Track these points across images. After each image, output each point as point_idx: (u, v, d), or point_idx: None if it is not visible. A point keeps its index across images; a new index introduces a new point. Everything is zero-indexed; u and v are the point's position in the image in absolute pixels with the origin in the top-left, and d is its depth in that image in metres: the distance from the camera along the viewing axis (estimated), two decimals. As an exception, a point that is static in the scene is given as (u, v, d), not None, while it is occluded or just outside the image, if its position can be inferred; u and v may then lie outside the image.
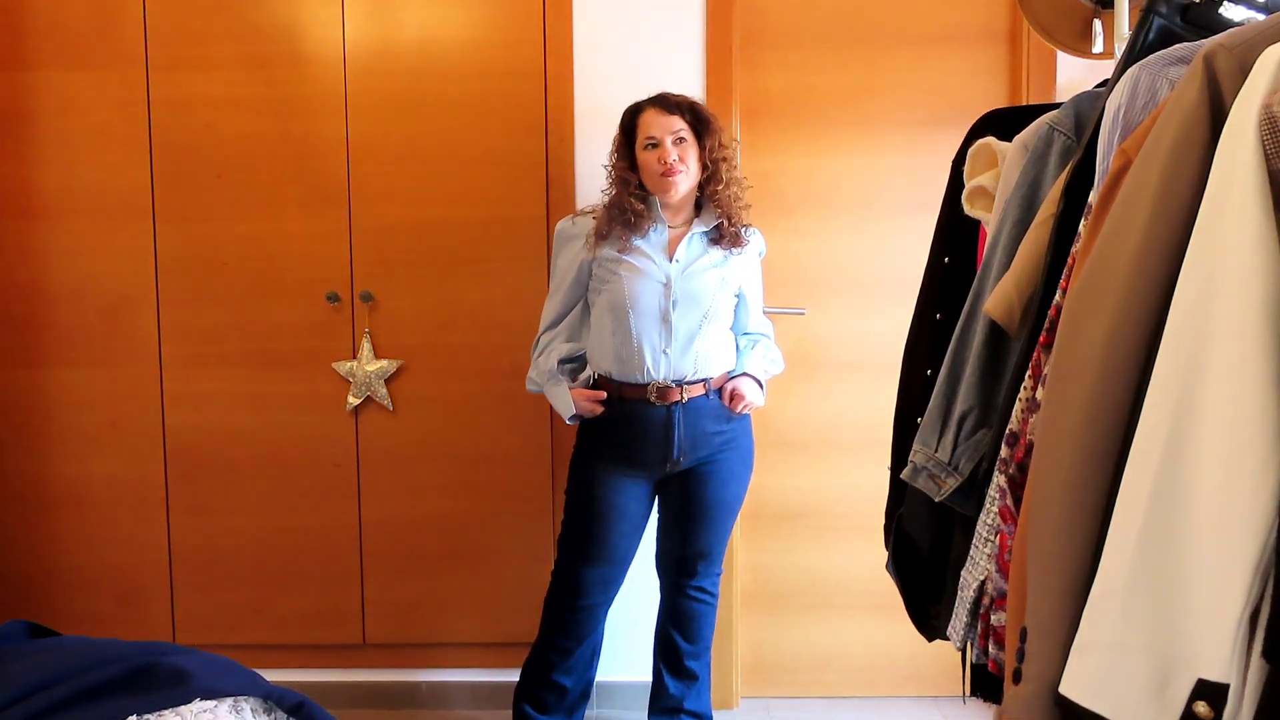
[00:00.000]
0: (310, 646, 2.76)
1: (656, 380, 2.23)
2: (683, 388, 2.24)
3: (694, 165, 2.23)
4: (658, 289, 2.23)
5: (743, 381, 2.30)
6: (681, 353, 2.24)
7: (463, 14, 2.63)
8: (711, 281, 2.26)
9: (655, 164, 2.20)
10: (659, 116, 2.22)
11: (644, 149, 2.22)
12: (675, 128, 2.20)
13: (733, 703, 2.77)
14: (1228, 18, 1.23)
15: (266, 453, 2.71)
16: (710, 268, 2.27)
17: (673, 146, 2.19)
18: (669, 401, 2.24)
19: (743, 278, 2.34)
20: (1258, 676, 0.83)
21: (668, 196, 2.23)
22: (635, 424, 2.25)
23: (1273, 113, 0.83)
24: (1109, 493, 0.92)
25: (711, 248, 2.28)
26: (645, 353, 2.23)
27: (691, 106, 2.24)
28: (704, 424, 2.27)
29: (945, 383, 1.39)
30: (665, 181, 2.20)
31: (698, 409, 2.26)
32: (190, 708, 1.49)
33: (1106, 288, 0.95)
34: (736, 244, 2.29)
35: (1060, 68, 2.61)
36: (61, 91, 2.64)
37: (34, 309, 2.70)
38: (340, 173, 2.65)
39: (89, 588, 2.75)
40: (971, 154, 1.54)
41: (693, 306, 2.24)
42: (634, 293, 2.22)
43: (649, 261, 2.24)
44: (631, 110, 2.27)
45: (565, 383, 2.29)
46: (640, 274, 2.23)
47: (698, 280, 2.25)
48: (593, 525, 2.31)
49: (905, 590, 1.58)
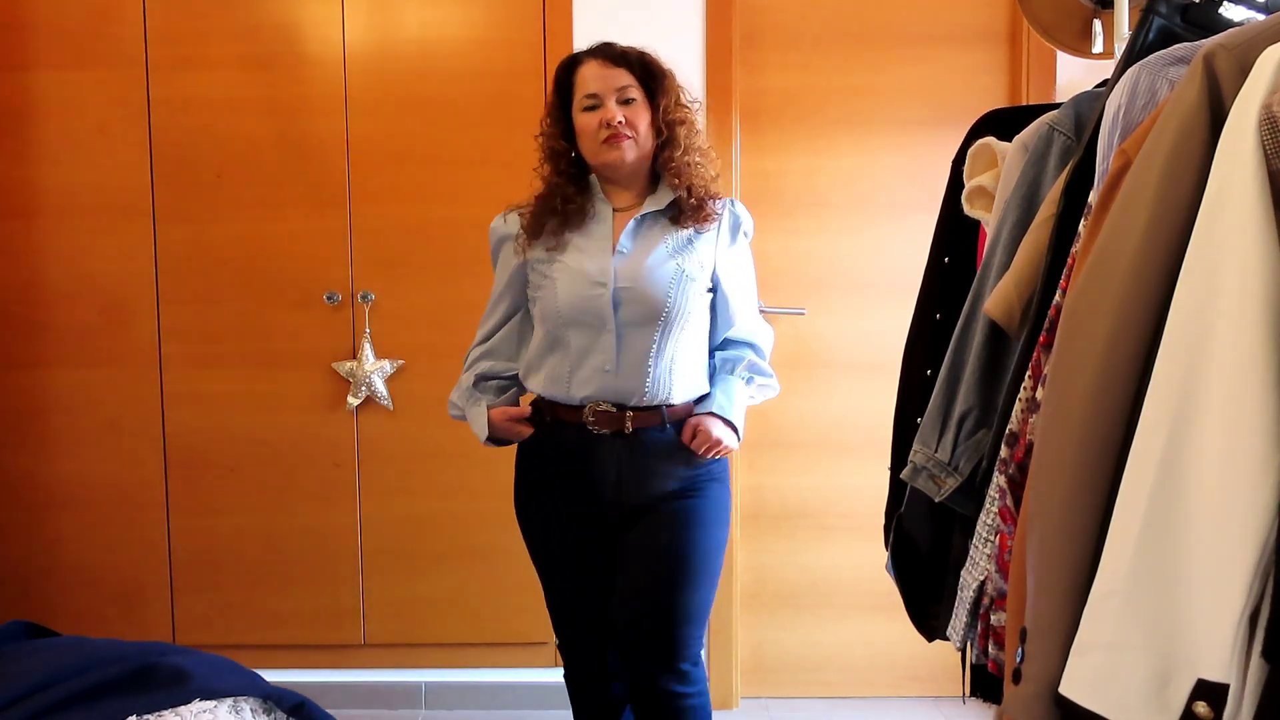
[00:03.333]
0: (310, 646, 2.76)
1: (593, 403, 1.77)
2: (626, 415, 1.76)
3: (645, 130, 1.76)
4: (597, 291, 1.75)
5: (710, 421, 1.77)
6: (631, 371, 1.75)
7: (463, 14, 2.63)
8: (666, 275, 1.75)
9: (596, 128, 1.74)
10: (601, 70, 1.76)
11: (582, 111, 1.76)
12: (621, 83, 1.75)
13: (732, 703, 2.77)
14: (1228, 18, 1.23)
15: (266, 453, 2.71)
16: (667, 258, 1.77)
17: (618, 107, 1.74)
18: (612, 429, 1.76)
19: (719, 267, 1.83)
20: (1258, 676, 0.83)
21: (612, 170, 1.78)
22: (573, 453, 1.79)
23: (1273, 113, 0.83)
24: (1109, 493, 0.92)
25: (671, 230, 1.79)
26: (582, 370, 1.76)
27: (641, 59, 1.79)
28: (656, 464, 1.77)
29: (945, 383, 1.39)
30: (609, 150, 1.74)
31: (650, 445, 1.77)
32: (190, 708, 1.49)
33: (1106, 288, 0.95)
34: (702, 219, 1.79)
35: (1060, 68, 2.61)
36: (61, 91, 2.64)
37: (34, 309, 2.70)
38: (340, 173, 2.65)
39: (89, 588, 2.75)
40: (971, 154, 1.54)
41: (642, 310, 1.75)
42: (569, 299, 1.76)
43: (585, 258, 1.78)
44: (567, 64, 1.82)
45: (484, 400, 1.86)
46: (575, 275, 1.76)
47: (648, 275, 1.75)
48: (555, 585, 1.89)
49: (905, 590, 1.58)
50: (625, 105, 1.75)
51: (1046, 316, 1.16)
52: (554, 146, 1.82)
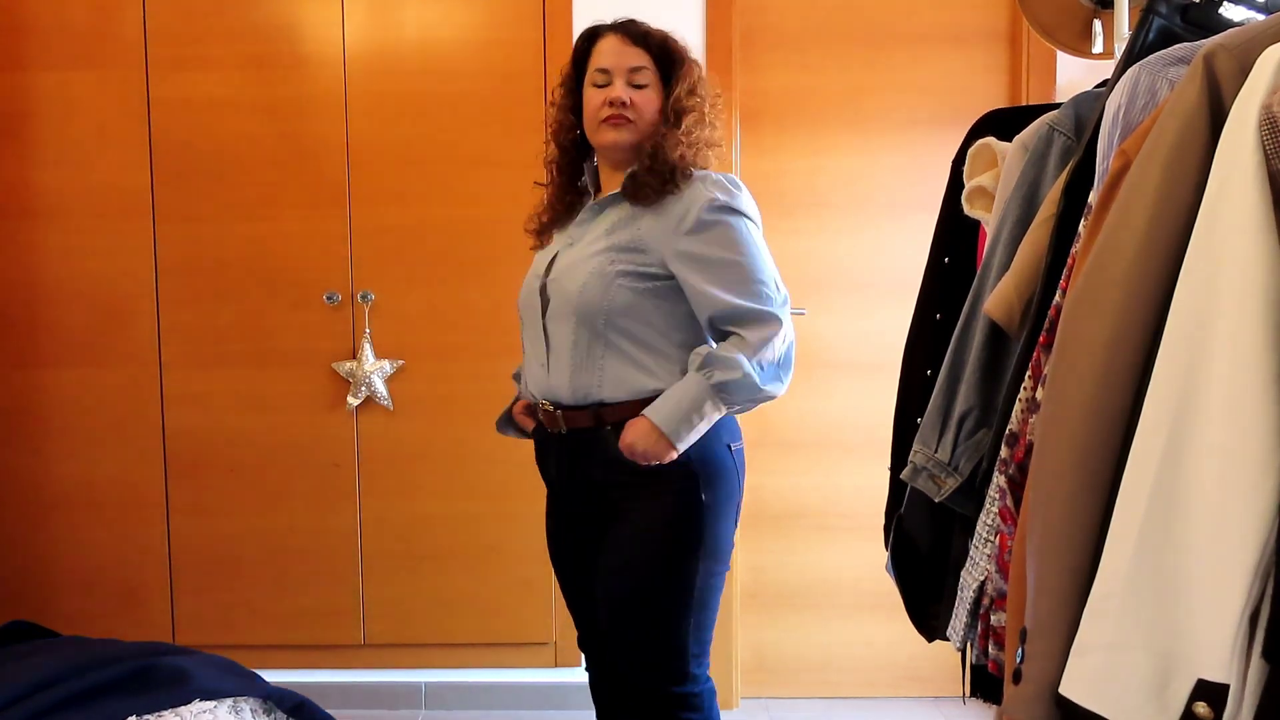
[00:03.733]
0: (310, 646, 2.76)
1: (541, 402, 1.70)
2: (559, 413, 1.66)
3: (651, 115, 1.65)
4: (533, 285, 1.72)
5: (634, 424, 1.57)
6: (560, 368, 1.65)
7: (462, 14, 2.63)
8: (587, 268, 1.62)
9: (599, 104, 1.65)
10: (619, 45, 1.66)
11: (591, 85, 1.68)
12: (635, 63, 1.65)
13: (733, 703, 2.76)
14: (1228, 18, 1.23)
15: (266, 453, 2.71)
16: (595, 252, 1.63)
17: (628, 89, 1.65)
18: (554, 429, 1.69)
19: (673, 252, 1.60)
20: (1258, 677, 0.83)
21: (610, 152, 1.69)
22: (540, 448, 1.79)
23: (1273, 113, 0.83)
24: (1109, 493, 0.92)
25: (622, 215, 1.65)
26: (529, 368, 1.73)
27: (664, 42, 1.68)
28: (589, 470, 1.66)
29: (945, 383, 1.39)
30: (607, 130, 1.65)
31: (582, 445, 1.66)
32: (190, 708, 1.49)
33: (1106, 288, 0.95)
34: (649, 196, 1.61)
35: (1060, 68, 2.61)
36: (61, 91, 2.64)
37: (34, 309, 2.70)
38: (340, 173, 2.65)
39: (89, 588, 2.75)
40: (971, 154, 1.54)
41: (561, 305, 1.65)
42: (523, 294, 1.75)
43: (543, 252, 1.77)
44: (587, 34, 1.72)
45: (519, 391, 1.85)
46: (530, 270, 1.76)
47: (570, 268, 1.65)
48: (560, 584, 1.86)
49: (905, 590, 1.58)
50: (637, 89, 1.65)
51: (1046, 316, 1.16)
52: (561, 120, 1.74)
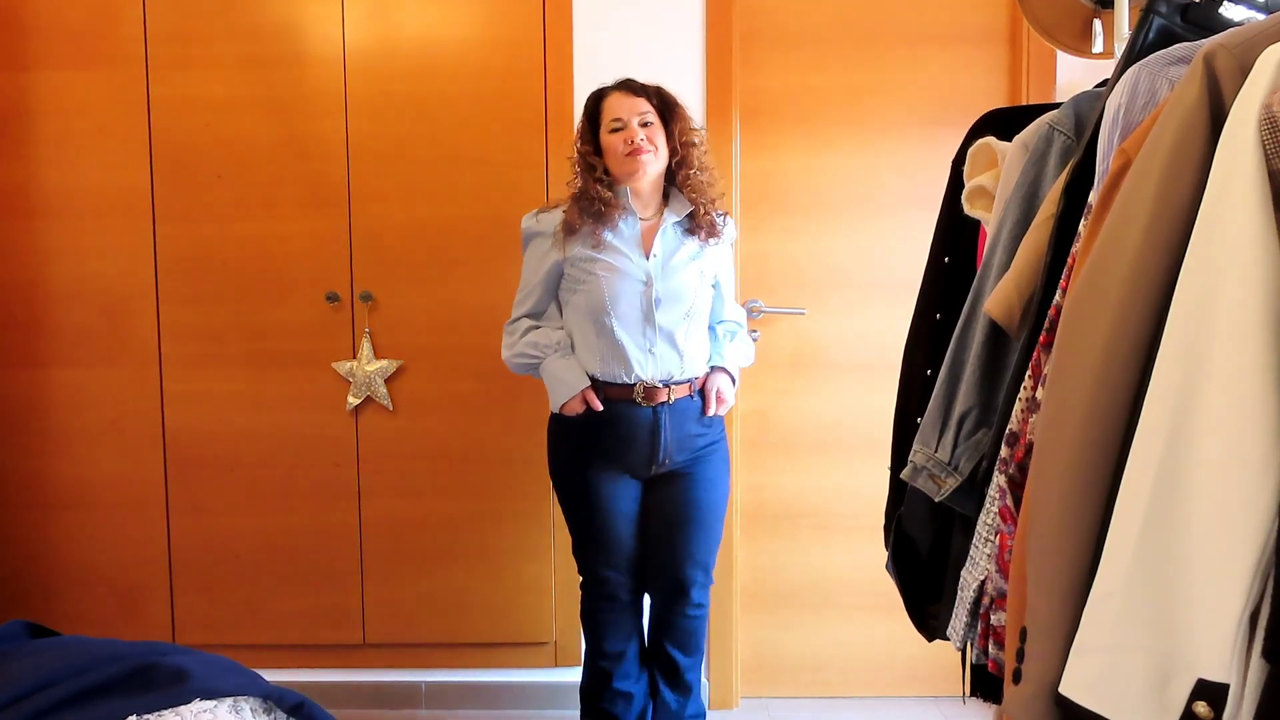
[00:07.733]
0: (310, 646, 2.76)
1: (644, 380, 2.17)
2: (670, 388, 2.18)
3: (662, 147, 2.17)
4: (638, 288, 2.16)
5: (722, 381, 2.25)
6: (668, 352, 2.18)
7: (463, 14, 2.63)
8: (692, 277, 2.21)
9: (621, 145, 2.14)
10: (624, 99, 2.16)
11: (609, 132, 2.16)
12: (641, 109, 2.15)
13: (733, 703, 2.77)
14: (1228, 18, 1.23)
15: (266, 453, 2.71)
16: (689, 261, 2.22)
17: (639, 128, 2.14)
18: (656, 402, 2.17)
19: (718, 267, 2.30)
20: (1258, 676, 0.83)
21: (635, 180, 2.16)
22: (620, 425, 2.18)
23: (1273, 113, 0.83)
24: (1109, 493, 0.92)
25: (687, 239, 2.23)
26: (630, 353, 2.16)
27: (658, 91, 2.20)
28: (689, 425, 2.22)
29: (945, 383, 1.39)
30: (632, 162, 2.13)
31: (683, 410, 2.21)
32: (190, 708, 1.49)
33: (1106, 288, 0.95)
34: (713, 234, 2.24)
35: (1060, 68, 2.61)
36: (61, 91, 2.64)
37: (34, 309, 2.70)
38: (340, 173, 2.65)
39: (89, 588, 2.75)
40: (971, 154, 1.54)
41: (676, 304, 2.18)
42: (614, 293, 2.15)
43: (625, 259, 2.17)
44: (596, 95, 2.22)
45: (575, 360, 2.20)
46: (618, 273, 2.15)
47: (678, 276, 2.19)
48: (604, 528, 2.24)
49: (905, 590, 1.58)
50: (645, 127, 2.15)
51: (1046, 316, 1.17)
52: (589, 162, 2.18)
